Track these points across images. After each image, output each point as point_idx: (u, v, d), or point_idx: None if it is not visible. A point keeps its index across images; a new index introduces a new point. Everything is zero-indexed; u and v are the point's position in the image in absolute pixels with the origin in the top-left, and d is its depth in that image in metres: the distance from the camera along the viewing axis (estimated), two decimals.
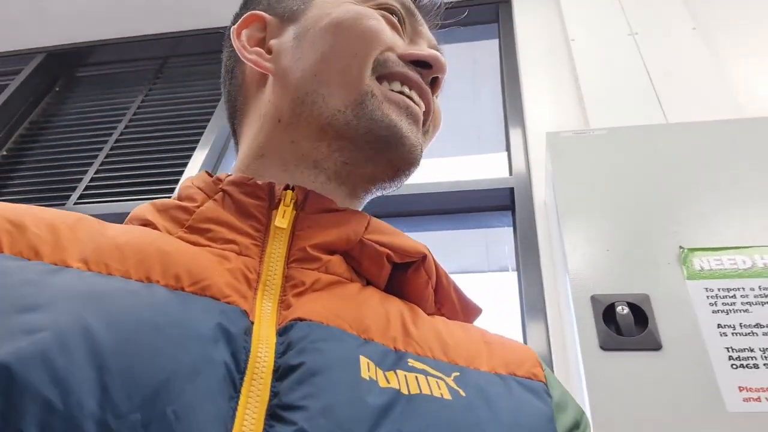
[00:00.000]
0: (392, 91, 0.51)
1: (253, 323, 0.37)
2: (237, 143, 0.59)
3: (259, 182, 0.48)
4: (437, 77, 0.54)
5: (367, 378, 0.36)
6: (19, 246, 0.36)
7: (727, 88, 1.54)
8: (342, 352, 0.37)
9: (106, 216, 1.72)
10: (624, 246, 1.03)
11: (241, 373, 0.34)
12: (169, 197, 1.60)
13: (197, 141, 1.95)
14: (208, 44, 2.31)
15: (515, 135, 1.72)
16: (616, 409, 0.84)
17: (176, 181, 1.81)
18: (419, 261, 0.49)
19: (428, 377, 0.39)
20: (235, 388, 0.33)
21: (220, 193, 0.47)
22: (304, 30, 0.54)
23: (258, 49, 0.55)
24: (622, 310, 0.93)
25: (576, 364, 0.96)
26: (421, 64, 0.53)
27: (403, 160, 0.50)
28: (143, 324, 0.33)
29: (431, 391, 0.37)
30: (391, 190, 0.54)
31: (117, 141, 2.05)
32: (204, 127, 2.00)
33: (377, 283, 0.48)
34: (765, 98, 1.55)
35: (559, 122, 1.63)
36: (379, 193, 0.54)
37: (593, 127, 1.50)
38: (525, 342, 1.29)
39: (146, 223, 0.46)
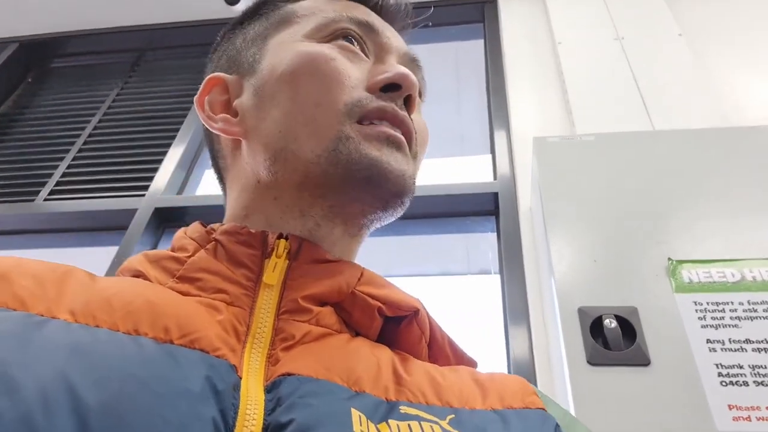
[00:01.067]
0: (370, 124, 0.48)
1: (240, 378, 0.36)
2: (226, 203, 0.58)
3: (252, 231, 0.47)
4: (410, 95, 0.51)
5: None
6: (4, 297, 0.36)
7: (713, 96, 1.53)
8: (333, 406, 0.36)
9: (77, 214, 1.67)
10: (612, 257, 1.01)
11: (230, 431, 0.32)
12: (143, 195, 1.54)
13: (173, 137, 1.89)
14: (186, 37, 2.25)
15: (500, 138, 1.69)
16: (604, 427, 0.82)
17: (151, 179, 1.76)
18: (412, 315, 0.48)
19: (422, 422, 0.37)
20: None
21: (213, 242, 0.46)
22: (261, 84, 0.52)
23: (224, 115, 0.53)
24: (610, 323, 0.90)
25: (562, 378, 0.93)
26: (391, 87, 0.50)
27: (391, 192, 0.48)
28: (129, 380, 0.32)
29: None
30: (389, 220, 0.51)
31: (90, 135, 1.99)
32: (181, 123, 1.95)
33: (368, 335, 0.47)
34: (750, 106, 1.54)
35: (544, 126, 1.61)
36: (377, 226, 0.52)
37: (579, 131, 1.48)
38: (507, 346, 1.27)
39: (138, 274, 0.45)
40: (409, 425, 0.37)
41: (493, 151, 1.69)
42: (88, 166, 1.89)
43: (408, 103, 0.51)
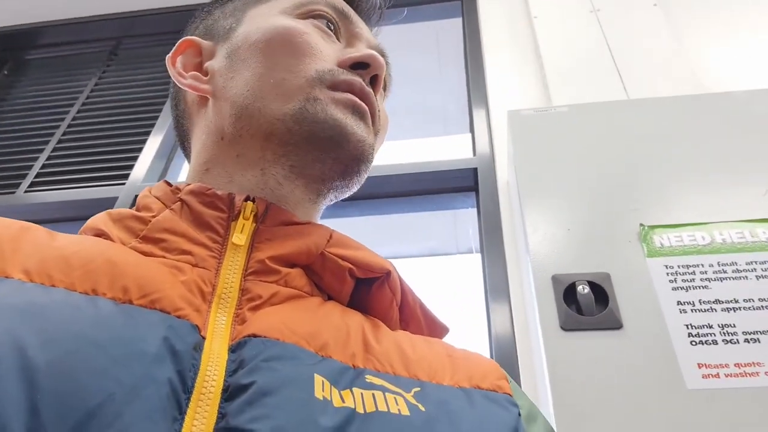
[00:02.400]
0: (339, 92, 0.50)
1: (204, 338, 0.35)
2: (189, 162, 0.58)
3: (219, 193, 0.46)
4: (377, 75, 0.53)
5: (321, 398, 0.34)
6: None
7: (688, 64, 1.54)
8: (296, 371, 0.35)
9: (59, 204, 1.66)
10: (585, 225, 1.02)
11: (188, 392, 0.32)
12: (124, 184, 1.54)
13: (152, 125, 1.89)
14: (163, 25, 2.23)
15: (479, 115, 1.69)
16: (577, 390, 0.83)
17: (131, 167, 1.76)
18: (383, 277, 0.48)
19: (386, 393, 0.37)
20: (180, 410, 0.31)
21: (178, 202, 0.46)
22: (235, 47, 0.53)
23: (194, 73, 0.55)
24: (583, 289, 0.91)
25: (537, 344, 0.95)
26: (359, 65, 0.52)
27: (351, 156, 0.49)
28: (82, 341, 0.31)
29: (389, 408, 0.36)
30: (347, 192, 0.53)
31: (69, 126, 1.98)
32: (159, 111, 1.94)
33: (339, 299, 0.47)
34: (724, 74, 1.55)
35: (522, 101, 1.61)
36: (334, 197, 0.53)
37: (555, 103, 1.49)
38: (489, 324, 1.28)
39: (100, 233, 0.44)
40: (373, 394, 0.37)
41: (472, 128, 1.70)
42: (68, 156, 1.88)
43: (374, 83, 0.53)
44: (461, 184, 1.59)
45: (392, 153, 1.79)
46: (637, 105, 1.23)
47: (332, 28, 0.55)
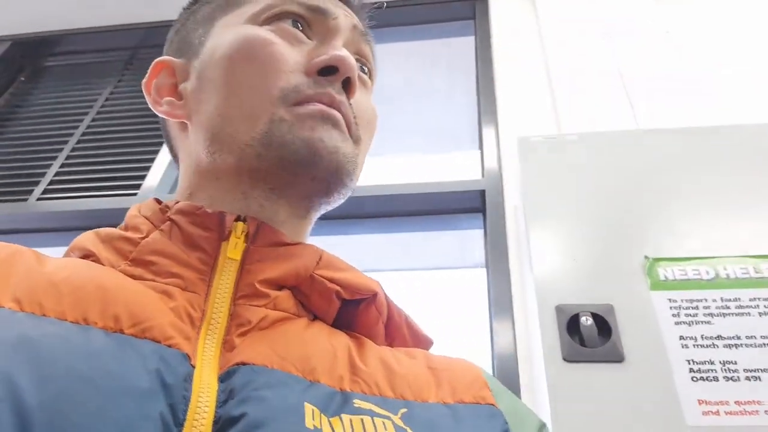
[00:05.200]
0: (306, 106, 0.47)
1: (194, 367, 0.35)
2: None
3: (209, 211, 0.46)
4: (349, 78, 0.50)
5: (312, 428, 0.34)
6: None
7: (698, 94, 1.54)
8: (286, 401, 0.36)
9: (70, 214, 1.68)
10: (591, 255, 1.03)
11: (180, 425, 0.32)
12: (136, 194, 1.54)
13: None
14: None
15: (488, 136, 1.71)
16: (579, 422, 0.84)
17: (143, 177, 1.78)
18: (371, 298, 0.48)
19: (374, 418, 0.38)
20: None
21: (168, 222, 0.45)
22: (203, 67, 0.52)
23: (169, 98, 0.54)
24: (586, 321, 0.92)
25: (540, 372, 0.96)
26: (328, 70, 0.49)
27: (328, 170, 0.47)
28: (75, 377, 0.31)
29: None
30: (337, 202, 0.52)
31: (83, 134, 2.00)
32: None
33: (325, 319, 0.47)
34: (733, 105, 1.56)
35: (532, 124, 1.62)
36: (325, 208, 0.52)
37: (564, 129, 1.50)
38: (492, 342, 1.29)
39: (87, 254, 0.44)
40: (362, 420, 0.37)
41: (481, 149, 1.71)
42: (82, 165, 1.90)
43: (347, 86, 0.50)
44: (468, 205, 1.60)
45: (398, 170, 1.81)
46: (647, 135, 1.25)
47: (301, 26, 0.52)
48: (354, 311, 0.48)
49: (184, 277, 0.41)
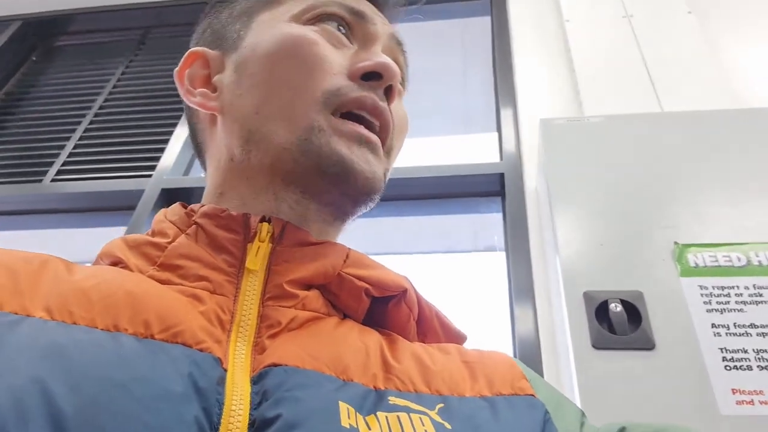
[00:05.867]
0: (344, 119, 0.48)
1: (226, 371, 0.35)
2: (206, 177, 0.57)
3: (234, 213, 0.46)
4: (391, 85, 0.50)
5: (348, 426, 0.34)
6: None
7: (723, 76, 1.51)
8: (320, 400, 0.35)
9: (85, 195, 1.67)
10: (618, 241, 1.01)
11: (215, 429, 0.32)
12: (151, 176, 1.54)
13: (179, 116, 1.89)
14: (192, 15, 2.21)
15: (506, 118, 1.68)
16: (608, 410, 0.83)
17: (158, 158, 1.76)
18: (400, 295, 0.47)
19: (411, 414, 0.37)
20: None
21: (194, 226, 0.46)
22: (242, 61, 0.51)
23: (202, 90, 0.53)
24: (615, 307, 0.91)
25: (567, 361, 0.94)
26: (371, 75, 0.49)
27: (359, 191, 0.48)
28: (108, 384, 0.31)
29: (414, 430, 0.36)
30: (361, 213, 0.52)
31: (96, 115, 1.99)
32: None
33: (355, 317, 0.47)
34: (761, 87, 1.52)
35: (552, 106, 1.60)
36: (351, 218, 0.52)
37: (586, 111, 1.47)
38: (513, 328, 1.28)
39: (116, 261, 0.44)
40: (398, 417, 0.36)
41: (499, 131, 1.68)
42: (95, 146, 1.89)
43: (389, 93, 0.50)
44: (487, 189, 1.58)
45: (415, 152, 1.78)
46: (673, 118, 1.22)
47: (344, 30, 0.53)
48: (384, 309, 0.48)
49: (212, 280, 0.41)
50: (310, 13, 0.52)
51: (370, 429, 0.35)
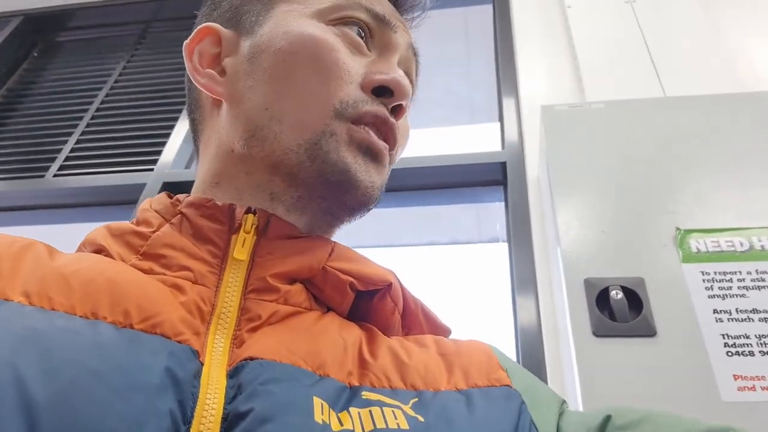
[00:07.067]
0: (357, 126, 0.47)
1: (203, 364, 0.35)
2: (198, 161, 0.56)
3: (219, 203, 0.46)
4: (402, 104, 0.50)
5: (321, 422, 0.34)
6: None
7: (725, 60, 1.49)
8: (294, 395, 0.35)
9: (87, 190, 1.67)
10: (619, 227, 1.00)
11: (188, 423, 0.31)
12: (152, 170, 1.53)
13: (180, 110, 1.89)
14: (193, 8, 2.22)
15: (508, 106, 1.67)
16: (609, 398, 0.82)
17: (159, 153, 1.76)
18: (385, 289, 0.47)
19: (383, 408, 0.37)
20: None
21: (178, 216, 0.45)
22: (258, 50, 0.50)
23: (210, 71, 0.52)
24: (616, 294, 0.90)
25: (568, 349, 0.94)
26: (383, 90, 0.49)
27: (357, 202, 0.48)
28: (83, 372, 0.30)
29: (387, 424, 0.36)
30: (354, 220, 0.52)
31: (98, 110, 1.99)
32: None
33: (339, 311, 0.46)
34: (764, 71, 1.50)
35: (554, 93, 1.58)
36: (341, 225, 0.52)
37: (589, 98, 1.46)
38: (515, 316, 1.27)
39: (100, 249, 0.44)
40: (370, 411, 0.36)
41: (501, 120, 1.67)
42: (97, 141, 1.89)
43: (397, 110, 0.50)
44: (489, 178, 1.57)
45: (418, 142, 1.77)
46: (676, 103, 1.20)
47: (363, 35, 0.52)
48: (369, 303, 0.48)
49: (195, 270, 0.41)
50: (336, 15, 0.51)
51: (342, 425, 0.34)
